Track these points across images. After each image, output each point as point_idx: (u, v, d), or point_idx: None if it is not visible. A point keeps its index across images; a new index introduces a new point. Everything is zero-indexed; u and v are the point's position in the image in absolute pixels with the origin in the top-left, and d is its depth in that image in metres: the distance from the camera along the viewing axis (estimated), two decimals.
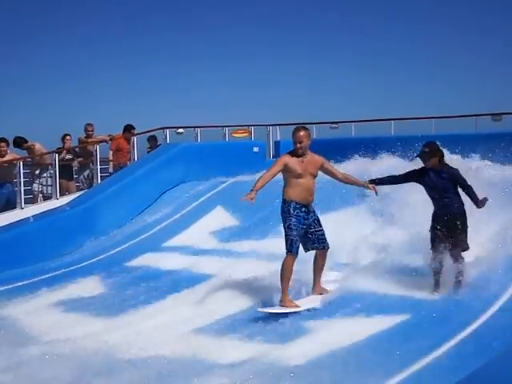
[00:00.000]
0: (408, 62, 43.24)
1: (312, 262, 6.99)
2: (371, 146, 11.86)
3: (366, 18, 43.62)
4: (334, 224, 7.99)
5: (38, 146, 12.87)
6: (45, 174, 12.86)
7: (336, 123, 15.53)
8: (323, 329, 6.03)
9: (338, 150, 11.59)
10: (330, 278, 7.36)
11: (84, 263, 9.85)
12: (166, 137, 14.68)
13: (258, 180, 6.58)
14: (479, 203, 6.53)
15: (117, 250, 10.42)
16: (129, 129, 13.84)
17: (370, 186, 7.01)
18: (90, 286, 8.51)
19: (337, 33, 43.71)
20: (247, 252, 9.15)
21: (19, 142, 12.75)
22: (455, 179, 6.65)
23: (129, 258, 9.79)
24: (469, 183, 6.64)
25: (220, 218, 11.08)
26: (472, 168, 8.52)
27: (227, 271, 8.03)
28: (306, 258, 6.98)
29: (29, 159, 12.80)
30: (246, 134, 15.84)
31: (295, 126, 7.13)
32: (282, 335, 6.01)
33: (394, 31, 43.89)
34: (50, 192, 12.75)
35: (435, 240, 6.66)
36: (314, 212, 6.88)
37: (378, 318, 6.11)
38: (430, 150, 6.74)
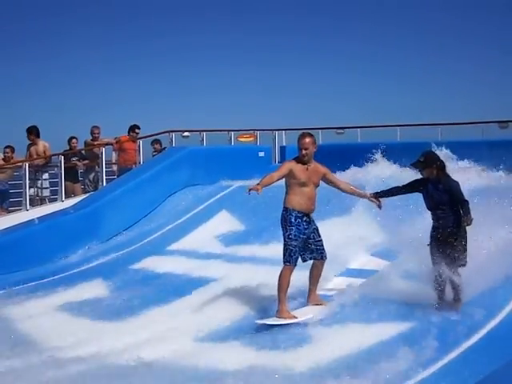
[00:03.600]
0: (415, 68, 43.23)
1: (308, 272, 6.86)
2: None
3: (372, 24, 43.59)
4: (336, 230, 7.95)
5: (38, 144, 12.62)
6: (44, 176, 12.72)
7: (342, 129, 15.52)
8: (323, 337, 5.97)
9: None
10: (332, 286, 7.31)
11: (88, 266, 9.89)
12: (172, 140, 14.69)
13: (265, 176, 6.40)
14: (466, 220, 6.19)
15: (121, 252, 10.44)
16: (133, 128, 13.75)
17: (374, 199, 6.83)
18: (93, 289, 8.52)
19: (343, 39, 43.69)
20: (251, 257, 9.10)
21: (31, 131, 12.58)
22: (451, 192, 6.33)
23: (133, 262, 9.79)
24: (466, 198, 6.30)
25: (224, 222, 11.08)
26: None
27: (230, 276, 8.05)
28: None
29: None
30: (251, 139, 15.84)
31: (301, 131, 7.01)
32: (283, 344, 5.96)
33: (400, 38, 43.82)
34: (46, 195, 12.69)
35: (434, 255, 6.36)
36: (313, 221, 6.75)
37: (381, 326, 6.04)
38: (425, 160, 6.47)
